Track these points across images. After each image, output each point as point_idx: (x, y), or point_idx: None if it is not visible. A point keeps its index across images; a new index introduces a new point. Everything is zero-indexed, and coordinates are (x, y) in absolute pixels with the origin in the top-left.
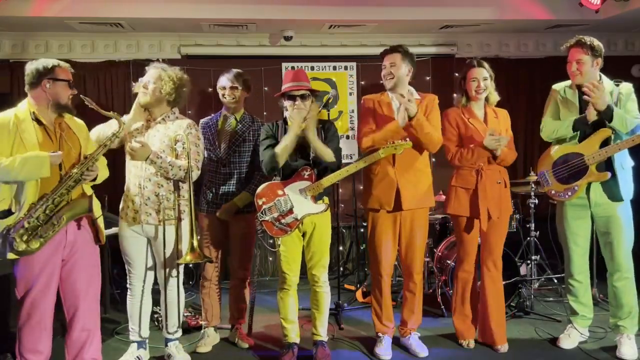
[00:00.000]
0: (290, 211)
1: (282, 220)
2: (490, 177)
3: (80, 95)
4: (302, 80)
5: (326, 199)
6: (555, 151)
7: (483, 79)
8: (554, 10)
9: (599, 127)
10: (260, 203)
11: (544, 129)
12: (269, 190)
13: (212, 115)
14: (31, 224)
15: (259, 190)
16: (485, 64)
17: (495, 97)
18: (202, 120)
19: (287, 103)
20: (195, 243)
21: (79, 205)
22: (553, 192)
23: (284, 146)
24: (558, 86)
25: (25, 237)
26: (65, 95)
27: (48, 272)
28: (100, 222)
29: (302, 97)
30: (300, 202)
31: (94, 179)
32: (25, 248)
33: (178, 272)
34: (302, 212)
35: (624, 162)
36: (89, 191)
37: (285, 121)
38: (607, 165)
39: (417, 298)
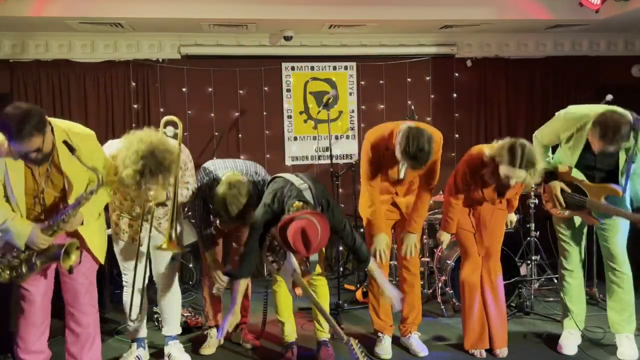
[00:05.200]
0: (279, 269)
1: (273, 260)
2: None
3: (63, 141)
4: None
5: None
6: (562, 169)
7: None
8: (554, 10)
9: (603, 174)
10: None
11: (543, 138)
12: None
13: None
14: (10, 263)
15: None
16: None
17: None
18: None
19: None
20: (174, 234)
21: (51, 252)
22: (550, 204)
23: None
24: (582, 118)
25: (5, 271)
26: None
27: (43, 273)
28: (99, 245)
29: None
30: (285, 274)
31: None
32: (6, 279)
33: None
34: (283, 275)
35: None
36: (89, 220)
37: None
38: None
39: (416, 291)
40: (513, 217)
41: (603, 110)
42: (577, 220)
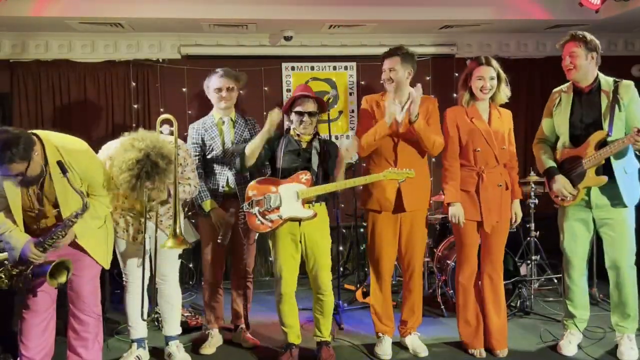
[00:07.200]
0: (277, 209)
1: (267, 216)
2: (492, 180)
3: (57, 162)
4: (310, 92)
5: (318, 205)
6: (558, 155)
7: (490, 78)
8: (554, 10)
9: (591, 129)
10: (250, 194)
11: (542, 126)
12: (263, 184)
13: (203, 118)
14: (10, 272)
15: (252, 182)
16: (494, 63)
17: (502, 97)
18: (195, 124)
19: (295, 118)
20: (179, 230)
21: (42, 267)
22: (559, 198)
23: (254, 146)
24: (558, 89)
25: (5, 278)
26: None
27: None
28: (103, 253)
29: (310, 114)
30: (290, 203)
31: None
32: (6, 285)
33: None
34: (287, 213)
35: (627, 167)
36: (84, 233)
37: (287, 130)
38: (607, 170)
39: (417, 297)
40: (518, 209)
41: None
42: (584, 224)
